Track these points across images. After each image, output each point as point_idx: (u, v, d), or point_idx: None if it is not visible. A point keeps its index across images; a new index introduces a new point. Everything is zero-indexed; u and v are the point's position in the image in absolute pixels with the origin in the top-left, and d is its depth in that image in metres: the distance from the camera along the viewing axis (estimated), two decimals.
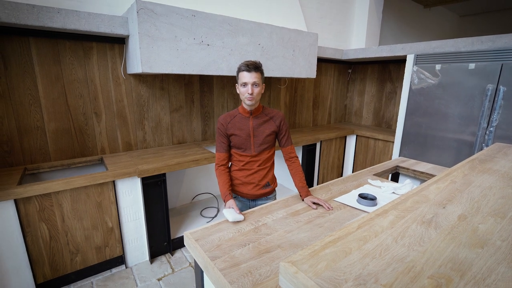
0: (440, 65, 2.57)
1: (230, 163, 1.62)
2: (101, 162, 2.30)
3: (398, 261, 0.57)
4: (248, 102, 1.45)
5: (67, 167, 2.17)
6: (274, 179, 1.66)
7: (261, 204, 1.59)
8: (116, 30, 2.03)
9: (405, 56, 3.00)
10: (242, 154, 1.54)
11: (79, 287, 1.97)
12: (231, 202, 1.39)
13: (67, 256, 1.91)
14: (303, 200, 1.48)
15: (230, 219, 1.25)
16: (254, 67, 1.40)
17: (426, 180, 1.98)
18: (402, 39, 5.06)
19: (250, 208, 1.56)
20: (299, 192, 1.51)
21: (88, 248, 1.99)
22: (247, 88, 1.41)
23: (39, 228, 1.77)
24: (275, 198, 1.68)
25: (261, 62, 2.52)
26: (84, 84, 2.19)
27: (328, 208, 1.37)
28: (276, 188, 1.71)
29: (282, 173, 3.64)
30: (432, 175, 1.91)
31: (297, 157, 1.60)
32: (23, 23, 1.72)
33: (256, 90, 1.42)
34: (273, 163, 1.63)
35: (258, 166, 1.55)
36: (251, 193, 1.57)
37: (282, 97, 3.55)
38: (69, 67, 2.11)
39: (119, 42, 2.24)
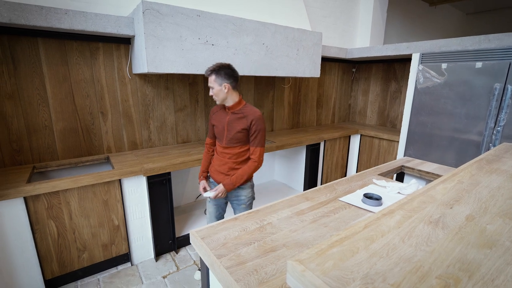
0: (446, 64, 2.55)
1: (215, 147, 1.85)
2: (107, 161, 2.33)
3: (405, 260, 0.57)
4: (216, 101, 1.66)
5: (75, 165, 2.20)
6: None
7: (232, 193, 1.78)
8: (122, 30, 2.05)
9: (410, 55, 2.98)
10: (218, 143, 1.77)
11: (86, 284, 2.00)
12: (203, 182, 1.81)
13: (74, 253, 1.94)
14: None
15: (212, 196, 1.66)
16: (208, 72, 1.59)
17: (432, 180, 1.97)
18: (407, 38, 5.02)
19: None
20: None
21: (95, 246, 2.01)
22: (210, 90, 1.64)
23: (48, 226, 1.80)
24: (249, 189, 1.81)
25: (265, 61, 2.56)
26: (90, 84, 2.21)
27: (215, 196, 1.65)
28: (283, 188, 1.88)
29: (285, 173, 3.64)
30: (438, 175, 1.90)
31: (255, 161, 1.69)
32: (32, 24, 1.75)
33: (212, 91, 1.61)
34: (246, 159, 1.72)
35: (229, 158, 1.70)
36: (222, 181, 1.71)
37: (286, 97, 3.55)
38: (76, 67, 2.13)
39: (125, 42, 2.26)
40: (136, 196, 2.11)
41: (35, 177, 2.02)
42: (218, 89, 1.59)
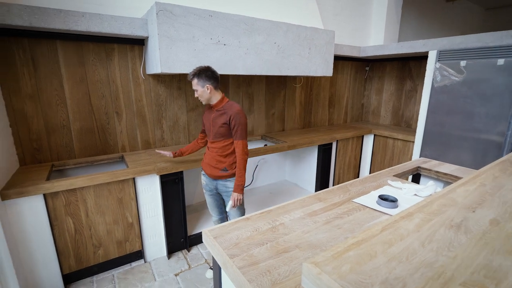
0: (465, 61, 2.46)
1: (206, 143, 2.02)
2: (121, 159, 2.37)
3: (426, 266, 0.55)
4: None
5: (91, 164, 2.25)
6: (232, 166, 1.87)
7: (222, 184, 1.90)
8: (136, 31, 2.09)
9: (427, 53, 2.89)
10: (208, 140, 1.92)
11: (101, 279, 2.04)
12: (168, 152, 2.06)
13: (90, 249, 1.99)
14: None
15: (231, 206, 1.82)
16: (190, 76, 1.73)
17: (450, 183, 1.90)
18: (423, 35, 4.88)
19: (213, 185, 1.93)
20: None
21: (110, 242, 2.06)
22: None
23: (65, 222, 1.85)
24: None
25: (277, 60, 2.55)
26: (106, 84, 2.26)
27: (234, 205, 1.81)
28: (294, 188, 1.94)
29: (296, 173, 3.62)
30: (457, 177, 1.83)
31: (240, 154, 1.79)
32: (51, 27, 1.80)
33: (197, 94, 1.76)
34: (231, 153, 1.85)
35: (216, 152, 1.85)
36: (211, 173, 1.88)
37: (298, 96, 3.53)
38: (92, 68, 2.18)
39: (139, 43, 2.30)
40: (150, 194, 2.14)
41: (53, 175, 2.09)
42: (202, 90, 1.73)
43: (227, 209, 1.87)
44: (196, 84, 1.73)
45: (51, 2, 1.95)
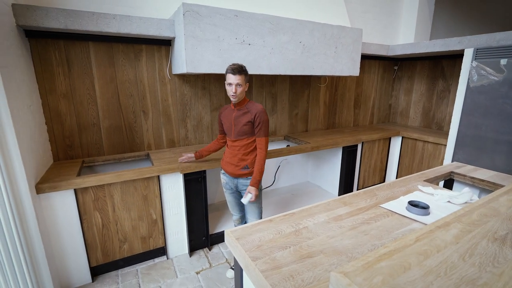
0: (506, 60, 2.28)
1: (225, 142, 2.03)
2: (147, 157, 2.45)
3: (468, 282, 0.51)
4: (232, 99, 1.78)
5: (118, 161, 2.34)
6: (253, 163, 1.87)
7: (242, 182, 1.91)
8: (163, 32, 2.14)
9: (462, 51, 2.70)
10: (228, 139, 1.93)
11: (126, 273, 2.12)
12: (190, 155, 2.11)
13: (116, 244, 2.07)
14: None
15: (248, 200, 1.80)
16: (238, 70, 1.70)
17: (487, 190, 1.76)
18: (457, 32, 4.59)
19: (234, 184, 1.94)
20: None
21: (135, 238, 2.13)
22: (232, 87, 1.72)
23: (94, 216, 1.94)
24: None
25: (302, 60, 2.51)
26: (134, 84, 2.34)
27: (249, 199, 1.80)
28: (317, 190, 1.90)
29: (319, 175, 3.54)
30: (496, 184, 1.69)
31: (261, 150, 1.81)
32: (85, 29, 1.89)
33: (239, 89, 1.72)
34: (253, 150, 1.86)
35: (238, 150, 1.86)
36: (232, 172, 1.89)
37: (322, 96, 3.45)
38: (122, 68, 2.27)
39: (166, 44, 2.36)
40: (173, 192, 2.19)
41: (84, 171, 2.20)
42: (244, 87, 1.75)
43: (244, 201, 1.85)
44: (242, 79, 1.72)
45: (85, 5, 2.05)
